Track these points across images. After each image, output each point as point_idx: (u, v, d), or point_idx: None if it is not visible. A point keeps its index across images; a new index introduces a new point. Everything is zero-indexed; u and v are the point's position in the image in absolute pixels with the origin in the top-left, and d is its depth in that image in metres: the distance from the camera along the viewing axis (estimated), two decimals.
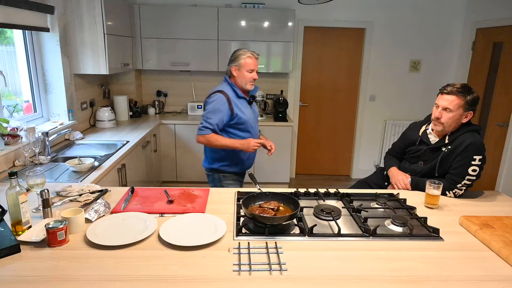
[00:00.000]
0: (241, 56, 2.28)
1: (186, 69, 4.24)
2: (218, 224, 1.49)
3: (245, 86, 2.33)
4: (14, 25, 2.49)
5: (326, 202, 1.79)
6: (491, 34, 3.86)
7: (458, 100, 1.87)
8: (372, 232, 1.46)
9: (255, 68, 2.31)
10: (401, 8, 4.34)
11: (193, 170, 4.25)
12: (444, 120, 1.91)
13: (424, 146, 2.05)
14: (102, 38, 3.17)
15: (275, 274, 1.20)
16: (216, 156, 2.43)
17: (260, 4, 4.13)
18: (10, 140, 2.35)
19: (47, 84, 3.07)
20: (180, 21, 4.01)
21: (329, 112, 4.76)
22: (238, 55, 2.29)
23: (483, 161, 1.87)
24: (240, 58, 2.28)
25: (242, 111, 2.32)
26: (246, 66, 2.28)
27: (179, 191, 1.85)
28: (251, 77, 2.31)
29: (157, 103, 4.44)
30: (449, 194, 1.93)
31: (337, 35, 4.47)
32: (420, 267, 1.25)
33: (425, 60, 4.52)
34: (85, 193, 1.76)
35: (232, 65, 2.31)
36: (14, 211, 1.39)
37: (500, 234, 1.43)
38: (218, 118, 2.25)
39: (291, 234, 1.47)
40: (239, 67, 2.29)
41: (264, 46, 4.13)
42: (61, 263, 1.23)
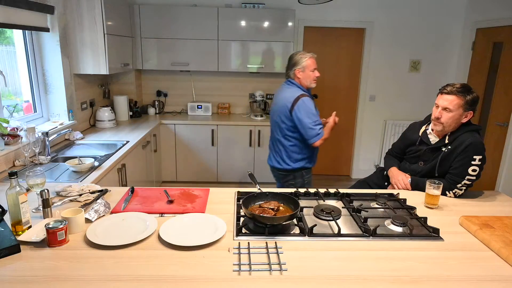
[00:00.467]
0: (303, 59, 2.46)
1: (186, 69, 4.24)
2: (218, 224, 1.49)
3: (310, 84, 2.53)
4: (14, 25, 2.49)
5: (326, 202, 1.79)
6: (491, 34, 3.86)
7: (458, 100, 1.87)
8: (372, 232, 1.46)
9: (316, 66, 2.51)
10: (401, 8, 4.34)
11: (193, 170, 4.25)
12: (444, 120, 1.90)
13: (424, 146, 2.05)
14: (102, 38, 3.17)
15: (275, 274, 1.20)
16: (301, 156, 2.57)
17: (260, 4, 4.13)
18: (10, 140, 2.35)
19: (47, 84, 3.07)
20: (180, 21, 4.01)
21: (329, 112, 4.74)
22: (299, 58, 2.47)
23: (483, 161, 1.87)
24: (302, 61, 2.46)
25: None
26: (310, 66, 2.47)
27: (179, 191, 1.85)
28: (314, 76, 2.50)
29: (157, 103, 4.44)
30: (449, 194, 1.93)
31: (337, 35, 4.47)
32: (420, 267, 1.25)
33: (425, 60, 4.52)
34: (85, 193, 1.77)
35: (295, 68, 2.48)
36: (14, 211, 1.39)
37: (500, 234, 1.43)
38: (317, 117, 2.48)
39: (291, 234, 1.47)
40: (303, 68, 2.47)
41: (264, 46, 4.13)
42: (61, 263, 1.23)
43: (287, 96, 2.48)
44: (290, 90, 2.50)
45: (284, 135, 2.54)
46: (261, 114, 4.31)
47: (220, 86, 4.56)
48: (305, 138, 2.46)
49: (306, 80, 2.50)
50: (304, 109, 2.40)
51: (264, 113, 4.38)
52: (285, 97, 2.49)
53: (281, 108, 2.50)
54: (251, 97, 4.54)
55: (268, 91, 4.54)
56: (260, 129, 4.13)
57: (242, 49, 4.13)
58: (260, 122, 4.14)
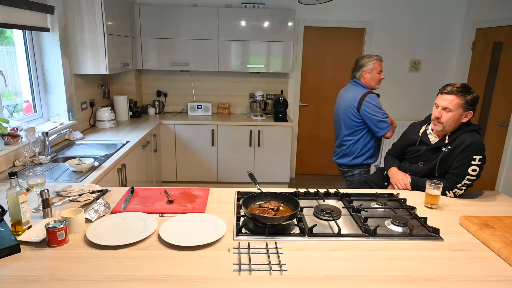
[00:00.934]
0: (371, 61, 2.64)
1: (186, 69, 4.24)
2: (218, 224, 1.49)
3: (376, 86, 2.69)
4: (14, 25, 2.49)
5: (326, 202, 1.79)
6: (491, 34, 3.86)
7: (457, 99, 1.87)
8: (372, 232, 1.46)
9: (382, 69, 2.69)
10: (401, 8, 4.34)
11: (193, 170, 4.25)
12: (444, 120, 1.91)
13: (424, 146, 2.05)
14: (102, 38, 3.17)
15: (275, 274, 1.20)
16: (371, 151, 2.72)
17: (260, 4, 4.13)
18: (10, 140, 2.35)
19: (47, 84, 3.07)
20: (180, 21, 4.01)
21: (329, 112, 4.75)
22: (367, 60, 2.66)
23: (483, 161, 1.87)
24: (370, 63, 2.64)
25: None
26: (376, 69, 2.64)
27: (179, 191, 1.85)
28: (380, 78, 2.67)
29: (157, 103, 4.44)
30: (449, 194, 1.93)
31: (337, 35, 4.47)
32: (420, 267, 1.25)
33: (425, 60, 4.52)
34: (85, 193, 1.77)
35: (362, 69, 2.67)
36: (14, 211, 1.39)
37: (500, 234, 1.43)
38: (384, 111, 2.63)
39: (291, 234, 1.47)
40: (371, 70, 2.64)
41: (264, 46, 4.13)
42: (61, 263, 1.23)
43: (355, 94, 2.65)
44: (356, 89, 2.67)
45: (352, 132, 2.69)
46: (261, 114, 4.31)
47: (220, 86, 4.56)
48: (376, 131, 2.61)
49: (372, 81, 2.66)
50: (371, 105, 2.57)
51: (264, 113, 4.38)
52: (351, 96, 2.66)
53: (348, 106, 2.66)
54: (251, 97, 4.54)
55: (268, 91, 4.54)
56: (260, 129, 4.13)
57: (242, 49, 4.13)
58: (260, 122, 4.14)
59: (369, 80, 2.66)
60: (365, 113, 2.58)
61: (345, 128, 2.71)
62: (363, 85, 2.68)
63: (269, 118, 4.33)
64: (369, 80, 2.66)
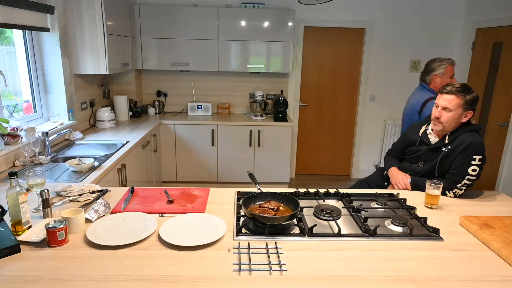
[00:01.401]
0: (442, 65, 2.59)
1: (186, 69, 4.24)
2: (218, 224, 1.49)
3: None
4: (14, 25, 2.49)
5: (326, 202, 1.79)
6: (491, 34, 3.86)
7: (457, 99, 1.87)
8: (372, 232, 1.46)
9: (454, 73, 2.64)
10: (401, 8, 4.34)
11: (193, 170, 4.26)
12: (444, 120, 1.91)
13: (424, 146, 2.05)
14: (102, 38, 3.17)
15: (275, 274, 1.20)
16: None
17: (260, 4, 4.13)
18: (10, 140, 2.35)
19: (47, 84, 3.07)
20: (180, 21, 4.01)
21: (329, 112, 4.76)
22: (438, 65, 2.61)
23: (483, 161, 1.87)
24: (442, 67, 2.59)
25: None
26: (448, 73, 2.59)
27: (179, 191, 1.85)
28: (452, 82, 2.52)
29: (157, 103, 4.44)
30: (449, 194, 1.93)
31: (337, 35, 4.47)
32: (420, 267, 1.25)
33: (425, 60, 4.48)
34: (85, 193, 1.77)
35: (433, 73, 2.63)
36: (14, 211, 1.40)
37: (500, 234, 1.43)
38: None
39: (291, 234, 1.47)
40: (442, 75, 2.60)
41: (264, 46, 4.13)
42: (61, 263, 1.23)
43: (418, 98, 2.66)
44: (422, 93, 2.67)
45: None
46: (261, 114, 4.31)
47: (220, 86, 4.56)
48: None
49: (442, 85, 2.53)
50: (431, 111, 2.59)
51: (264, 113, 4.38)
52: (416, 99, 2.68)
53: (412, 109, 2.70)
54: (251, 97, 4.54)
55: (268, 91, 4.54)
56: (260, 129, 4.13)
57: (242, 49, 4.13)
58: (260, 122, 4.14)
59: (440, 85, 2.59)
60: (424, 117, 2.55)
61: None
62: (431, 90, 2.66)
63: (269, 118, 4.33)
64: (440, 84, 2.60)
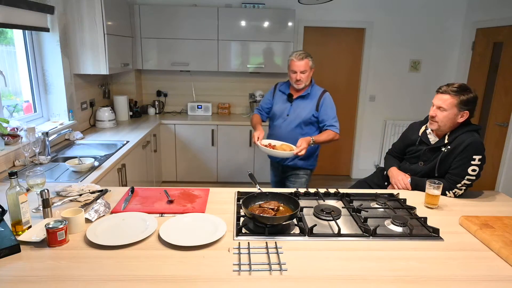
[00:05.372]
0: (289, 58, 2.50)
1: (186, 69, 4.24)
2: (218, 224, 1.49)
3: (293, 85, 2.53)
4: (14, 25, 2.49)
5: (326, 202, 1.79)
6: (491, 34, 3.86)
7: (451, 99, 1.87)
8: (372, 232, 1.46)
9: (297, 69, 2.45)
10: (401, 8, 4.34)
11: (193, 170, 4.25)
12: (439, 119, 1.92)
13: (424, 146, 2.05)
14: (102, 38, 3.17)
15: (275, 274, 1.20)
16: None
17: (260, 4, 4.13)
18: (10, 140, 2.35)
19: (47, 84, 3.07)
20: (180, 21, 4.01)
21: None
22: (289, 56, 2.52)
23: (482, 161, 1.87)
24: (288, 59, 2.51)
25: (277, 104, 2.63)
26: (290, 67, 2.48)
27: (179, 191, 1.85)
28: (294, 78, 2.48)
29: (157, 103, 4.44)
30: (449, 194, 1.93)
31: (337, 35, 4.47)
32: (420, 267, 1.25)
33: (425, 60, 4.52)
34: (85, 193, 1.76)
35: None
36: (14, 211, 1.39)
37: (500, 234, 1.43)
38: (262, 101, 2.77)
39: (291, 234, 1.47)
40: (288, 66, 2.51)
41: (264, 46, 4.13)
42: (61, 263, 1.23)
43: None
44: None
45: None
46: None
47: (220, 86, 4.56)
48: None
49: (289, 79, 2.57)
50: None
51: None
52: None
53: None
54: (251, 97, 4.54)
55: None
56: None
57: (242, 49, 4.13)
58: None
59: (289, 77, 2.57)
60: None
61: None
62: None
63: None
64: (289, 76, 2.56)
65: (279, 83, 2.70)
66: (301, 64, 2.43)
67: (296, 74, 2.46)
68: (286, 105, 2.58)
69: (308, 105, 2.54)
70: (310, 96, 2.55)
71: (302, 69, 2.44)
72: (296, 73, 2.46)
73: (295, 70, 2.45)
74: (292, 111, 2.55)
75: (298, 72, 2.45)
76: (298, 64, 2.44)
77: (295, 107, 2.55)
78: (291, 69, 2.47)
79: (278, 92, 2.66)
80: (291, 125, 2.54)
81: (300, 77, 2.46)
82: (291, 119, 2.55)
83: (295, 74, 2.47)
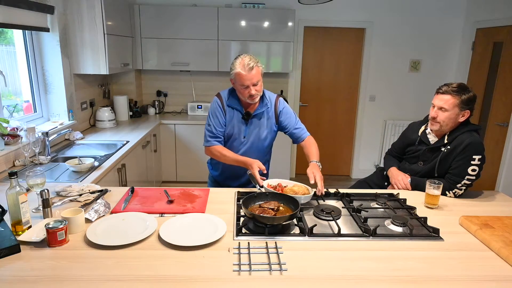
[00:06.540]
0: (234, 68, 1.94)
1: (186, 69, 4.24)
2: (218, 224, 1.49)
3: (246, 100, 2.02)
4: (14, 25, 2.49)
5: (326, 202, 1.79)
6: (491, 34, 3.86)
7: (453, 99, 1.87)
8: (372, 232, 1.46)
9: (249, 83, 1.92)
10: (401, 8, 4.34)
11: (193, 170, 4.25)
12: (441, 120, 1.92)
13: (423, 146, 2.05)
14: (102, 38, 3.17)
15: (275, 274, 1.19)
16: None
17: (260, 4, 4.13)
18: (10, 140, 2.35)
19: (47, 84, 3.07)
20: (180, 21, 4.01)
21: (329, 112, 4.76)
22: (233, 64, 1.96)
23: (482, 161, 1.87)
24: (233, 70, 1.95)
25: (229, 123, 2.10)
26: (238, 81, 1.95)
27: (179, 191, 1.85)
28: (247, 93, 1.96)
29: (157, 103, 4.44)
30: (449, 194, 1.93)
31: (337, 35, 4.47)
32: (420, 267, 1.25)
33: (425, 60, 4.52)
34: (85, 193, 1.76)
35: (231, 74, 1.99)
36: (14, 211, 1.39)
37: (500, 234, 1.43)
38: (214, 125, 2.09)
39: (291, 234, 1.47)
40: (234, 80, 1.98)
41: (264, 46, 4.13)
42: (61, 263, 1.23)
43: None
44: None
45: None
46: None
47: (220, 86, 4.56)
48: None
49: (239, 94, 2.04)
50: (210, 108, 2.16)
51: None
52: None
53: None
54: None
55: None
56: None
57: (242, 49, 4.13)
58: None
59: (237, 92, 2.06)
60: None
61: None
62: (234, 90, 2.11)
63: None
64: (237, 91, 2.06)
65: (223, 97, 2.10)
66: (253, 76, 1.91)
67: (249, 89, 1.93)
68: (241, 125, 2.09)
69: (266, 120, 2.12)
70: (268, 109, 2.11)
71: (255, 81, 1.92)
72: (248, 88, 1.93)
73: (246, 85, 1.92)
74: (249, 132, 2.10)
75: (251, 85, 1.93)
76: (248, 76, 1.90)
77: (252, 127, 2.10)
78: (240, 83, 1.93)
79: (227, 108, 2.08)
80: (249, 147, 2.11)
81: (255, 90, 1.94)
82: (250, 140, 2.11)
83: (247, 89, 1.94)
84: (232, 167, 2.12)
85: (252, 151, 2.13)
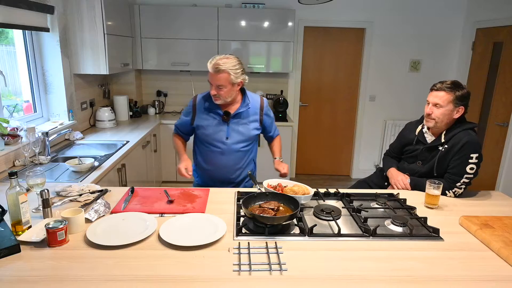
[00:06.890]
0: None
1: (186, 69, 4.24)
2: (218, 224, 1.49)
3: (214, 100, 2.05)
4: (14, 25, 2.49)
5: (326, 202, 1.79)
6: (491, 34, 3.86)
7: (447, 95, 1.89)
8: (372, 232, 1.46)
9: (212, 82, 1.97)
10: (401, 8, 4.34)
11: None
12: (435, 116, 1.93)
13: (421, 146, 2.05)
14: (102, 38, 3.17)
15: (275, 274, 1.19)
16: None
17: (260, 4, 4.13)
18: (10, 140, 2.35)
19: (47, 84, 3.07)
20: (180, 21, 4.01)
21: (329, 112, 4.76)
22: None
23: (480, 159, 1.89)
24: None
25: (209, 126, 2.09)
26: (208, 76, 1.98)
27: (179, 191, 1.85)
28: (212, 91, 2.00)
29: (157, 103, 4.44)
30: (449, 194, 1.93)
31: (337, 35, 4.47)
32: (420, 267, 1.25)
33: (425, 60, 4.52)
34: (85, 193, 1.76)
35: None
36: (14, 211, 1.39)
37: (500, 234, 1.43)
38: (179, 122, 2.23)
39: (291, 234, 1.47)
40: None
41: (264, 46, 4.13)
42: (61, 263, 1.23)
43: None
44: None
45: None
46: None
47: None
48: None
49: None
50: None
51: None
52: None
53: None
54: None
55: (268, 91, 4.53)
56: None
57: (242, 49, 4.13)
58: None
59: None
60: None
61: None
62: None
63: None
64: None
65: (197, 98, 2.14)
66: (217, 78, 1.94)
67: (212, 88, 1.96)
68: (222, 126, 2.07)
69: (249, 121, 2.11)
70: (250, 109, 2.10)
71: (218, 83, 1.94)
72: (212, 86, 1.97)
73: (210, 82, 1.97)
74: (231, 133, 2.08)
75: (214, 85, 1.95)
76: (212, 76, 1.95)
77: (233, 127, 2.08)
78: (208, 79, 1.97)
79: (202, 110, 2.11)
80: (233, 149, 2.09)
81: (217, 91, 1.96)
82: (233, 142, 2.08)
83: (211, 87, 1.97)
84: (213, 174, 2.17)
85: (236, 152, 2.11)
